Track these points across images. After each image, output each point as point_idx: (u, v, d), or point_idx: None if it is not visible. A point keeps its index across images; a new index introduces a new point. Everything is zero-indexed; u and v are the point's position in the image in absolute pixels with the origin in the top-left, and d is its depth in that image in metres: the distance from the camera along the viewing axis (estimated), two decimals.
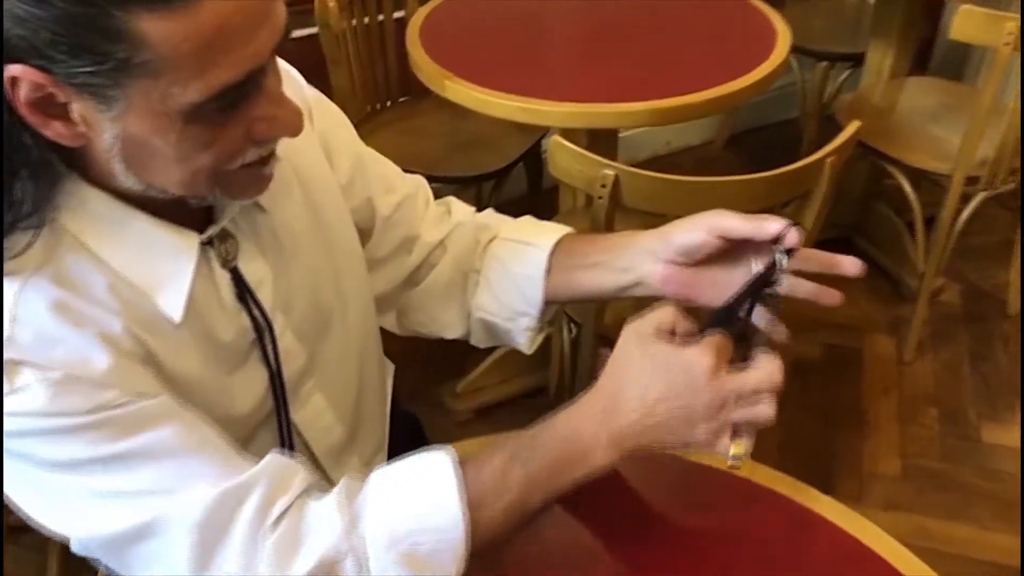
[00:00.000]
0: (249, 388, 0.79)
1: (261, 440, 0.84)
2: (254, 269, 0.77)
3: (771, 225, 0.73)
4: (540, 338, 0.94)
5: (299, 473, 0.69)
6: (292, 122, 0.66)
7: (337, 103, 0.91)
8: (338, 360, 0.90)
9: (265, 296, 0.78)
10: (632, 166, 1.22)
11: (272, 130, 0.66)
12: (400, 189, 0.96)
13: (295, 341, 0.83)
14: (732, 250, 0.79)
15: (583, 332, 1.56)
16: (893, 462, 1.89)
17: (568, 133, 1.80)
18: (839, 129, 1.27)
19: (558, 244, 0.89)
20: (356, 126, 0.92)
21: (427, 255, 0.97)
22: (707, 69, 1.58)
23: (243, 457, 0.70)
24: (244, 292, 0.76)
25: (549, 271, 0.88)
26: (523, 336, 0.93)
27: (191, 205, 0.69)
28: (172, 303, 0.70)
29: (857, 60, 2.38)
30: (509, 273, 0.91)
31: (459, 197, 0.99)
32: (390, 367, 1.09)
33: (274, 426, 0.84)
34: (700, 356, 0.68)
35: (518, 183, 2.35)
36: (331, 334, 0.88)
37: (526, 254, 0.90)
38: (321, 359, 0.87)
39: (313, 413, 0.88)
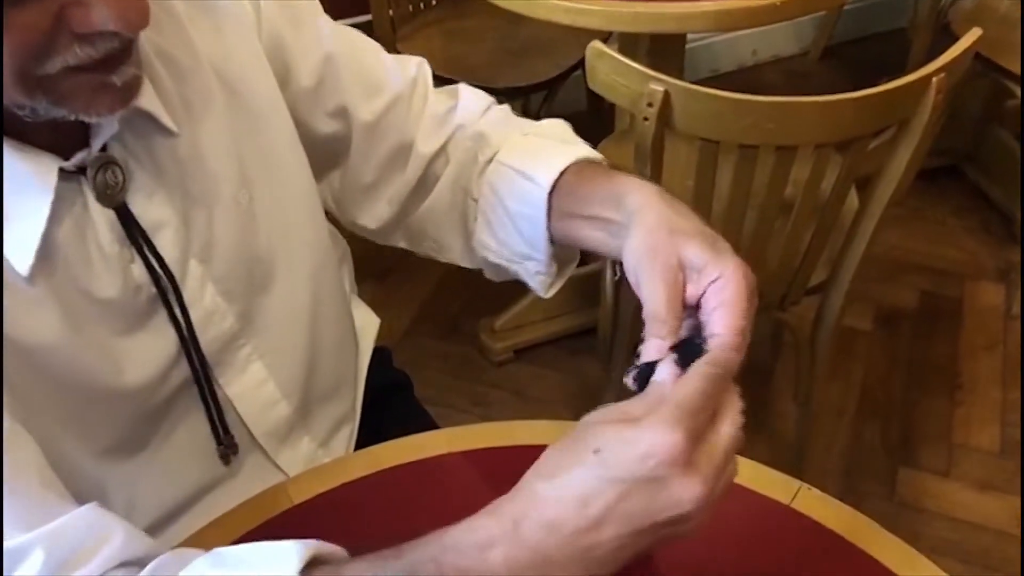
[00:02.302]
0: (148, 354, 0.66)
1: (180, 417, 0.71)
2: (151, 207, 0.64)
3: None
4: (558, 284, 0.76)
5: (110, 541, 0.53)
6: (121, 11, 0.49)
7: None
8: (283, 321, 0.75)
9: (166, 242, 0.65)
10: (712, 79, 1.00)
11: (90, 20, 0.49)
12: (389, 87, 0.78)
13: (218, 298, 0.70)
14: None
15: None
16: (990, 433, 1.69)
17: (628, 39, 1.59)
18: (955, 43, 1.06)
19: (561, 178, 0.69)
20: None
21: (427, 166, 0.80)
22: None
23: (55, 502, 0.54)
24: (136, 237, 0.63)
25: (551, 211, 0.70)
26: (534, 280, 0.75)
27: (59, 123, 0.54)
28: (18, 250, 0.57)
29: None
30: (506, 210, 0.73)
31: None
32: (372, 323, 0.94)
33: (197, 401, 0.71)
34: (662, 438, 0.45)
35: (576, 97, 2.12)
36: (274, 289, 0.74)
37: (524, 190, 0.71)
38: (260, 320, 0.74)
39: (251, 386, 0.75)
